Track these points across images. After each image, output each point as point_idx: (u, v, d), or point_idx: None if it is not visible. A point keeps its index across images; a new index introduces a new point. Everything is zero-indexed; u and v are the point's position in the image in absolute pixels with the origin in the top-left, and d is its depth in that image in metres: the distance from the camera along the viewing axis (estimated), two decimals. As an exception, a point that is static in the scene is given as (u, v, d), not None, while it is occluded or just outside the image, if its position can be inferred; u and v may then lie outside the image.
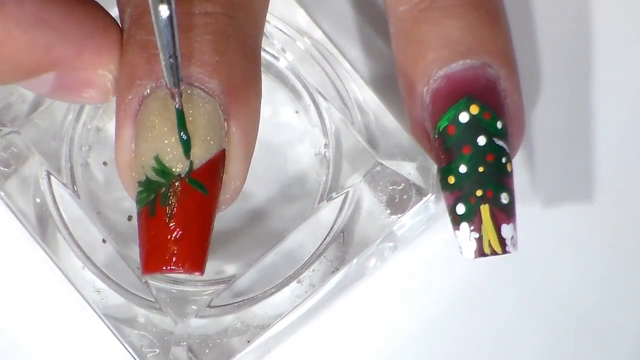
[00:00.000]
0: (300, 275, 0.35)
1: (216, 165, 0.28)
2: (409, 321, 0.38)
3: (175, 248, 0.28)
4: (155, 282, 0.35)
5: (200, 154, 0.28)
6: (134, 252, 0.30)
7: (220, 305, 0.35)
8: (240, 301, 0.35)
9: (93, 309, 0.35)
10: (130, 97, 0.28)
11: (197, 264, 0.28)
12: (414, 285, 0.38)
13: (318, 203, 0.36)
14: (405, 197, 0.36)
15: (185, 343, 0.35)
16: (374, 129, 0.36)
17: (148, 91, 0.28)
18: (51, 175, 0.35)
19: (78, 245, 0.35)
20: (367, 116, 0.36)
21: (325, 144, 0.37)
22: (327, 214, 0.36)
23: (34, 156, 0.35)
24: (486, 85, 0.33)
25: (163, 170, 0.28)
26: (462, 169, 0.33)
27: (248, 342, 0.35)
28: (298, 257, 0.36)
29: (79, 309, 0.35)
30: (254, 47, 0.29)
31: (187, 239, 0.28)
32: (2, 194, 0.35)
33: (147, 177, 0.28)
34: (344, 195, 0.36)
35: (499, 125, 0.33)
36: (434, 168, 0.35)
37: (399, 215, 0.35)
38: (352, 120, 0.36)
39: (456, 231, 0.33)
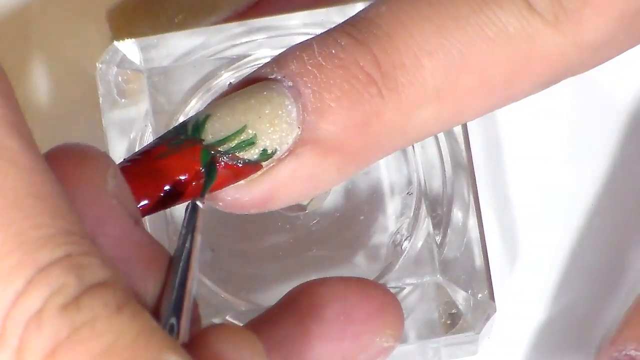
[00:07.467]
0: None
1: (241, 176, 0.26)
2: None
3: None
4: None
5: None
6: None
7: None
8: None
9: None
10: None
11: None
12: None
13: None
14: (449, 322, 0.35)
15: None
16: (454, 247, 0.36)
17: None
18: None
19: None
20: (458, 235, 0.36)
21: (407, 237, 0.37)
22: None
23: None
24: None
25: (200, 129, 0.26)
26: None
27: None
28: None
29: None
30: None
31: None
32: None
33: (185, 122, 0.26)
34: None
35: None
36: (490, 308, 0.34)
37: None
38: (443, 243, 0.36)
39: None
